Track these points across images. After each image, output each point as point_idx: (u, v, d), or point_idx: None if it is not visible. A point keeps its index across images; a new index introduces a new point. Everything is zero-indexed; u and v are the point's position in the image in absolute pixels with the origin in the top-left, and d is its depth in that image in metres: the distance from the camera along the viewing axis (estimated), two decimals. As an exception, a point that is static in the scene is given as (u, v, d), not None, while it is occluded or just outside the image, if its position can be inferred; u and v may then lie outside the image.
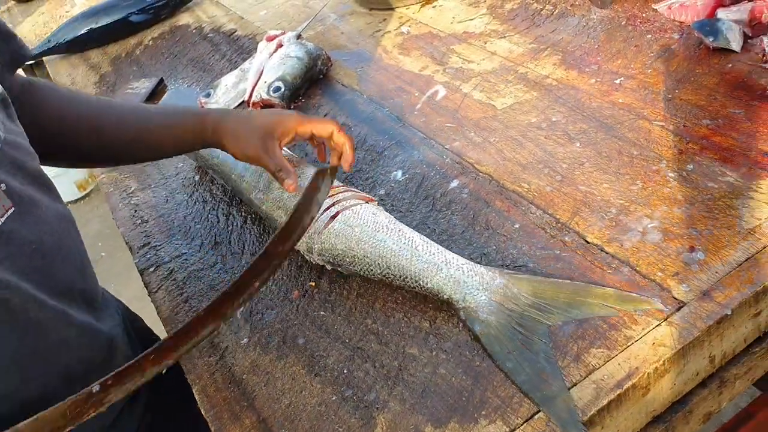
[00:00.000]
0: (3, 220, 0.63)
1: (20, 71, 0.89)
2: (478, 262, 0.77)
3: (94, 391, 0.61)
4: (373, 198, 0.85)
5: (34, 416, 0.59)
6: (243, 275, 0.68)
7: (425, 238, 0.77)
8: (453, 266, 0.72)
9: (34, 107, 0.83)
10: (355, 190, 0.86)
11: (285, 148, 0.90)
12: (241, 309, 0.69)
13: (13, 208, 0.64)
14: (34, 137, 0.79)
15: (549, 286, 0.70)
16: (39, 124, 0.82)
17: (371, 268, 0.76)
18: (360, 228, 0.77)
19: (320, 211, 0.80)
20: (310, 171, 0.85)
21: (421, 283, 0.72)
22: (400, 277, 0.74)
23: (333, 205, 0.81)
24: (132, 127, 0.88)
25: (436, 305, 0.74)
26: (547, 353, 0.65)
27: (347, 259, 0.77)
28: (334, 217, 0.80)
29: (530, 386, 0.63)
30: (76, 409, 0.60)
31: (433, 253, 0.74)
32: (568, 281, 0.71)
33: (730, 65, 0.92)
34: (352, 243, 0.77)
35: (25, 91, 0.83)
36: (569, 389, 0.62)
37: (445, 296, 0.71)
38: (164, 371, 0.63)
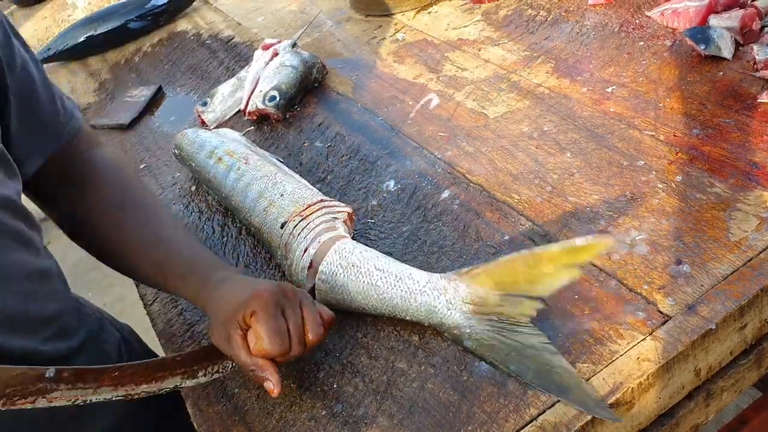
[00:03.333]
0: None
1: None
2: (468, 275, 0.77)
3: (47, 375, 0.59)
4: (343, 214, 0.85)
5: None
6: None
7: (380, 262, 0.75)
8: (417, 293, 0.72)
9: (80, 194, 0.82)
10: (324, 214, 0.84)
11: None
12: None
13: None
14: (65, 214, 0.80)
15: (504, 270, 0.69)
16: (75, 209, 0.82)
17: (352, 309, 0.76)
18: None
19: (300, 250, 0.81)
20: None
21: (401, 316, 0.73)
22: (380, 314, 0.74)
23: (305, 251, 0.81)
24: (147, 263, 0.80)
25: (425, 319, 0.74)
26: (544, 343, 0.66)
27: (331, 304, 0.76)
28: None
29: (541, 381, 0.64)
30: (21, 383, 0.58)
31: (394, 285, 0.73)
32: (515, 254, 0.69)
33: (722, 73, 0.92)
34: (322, 295, 0.78)
35: (80, 163, 0.82)
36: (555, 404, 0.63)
37: (426, 324, 0.72)
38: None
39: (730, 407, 1.07)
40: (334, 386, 0.72)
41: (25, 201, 0.76)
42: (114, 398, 0.63)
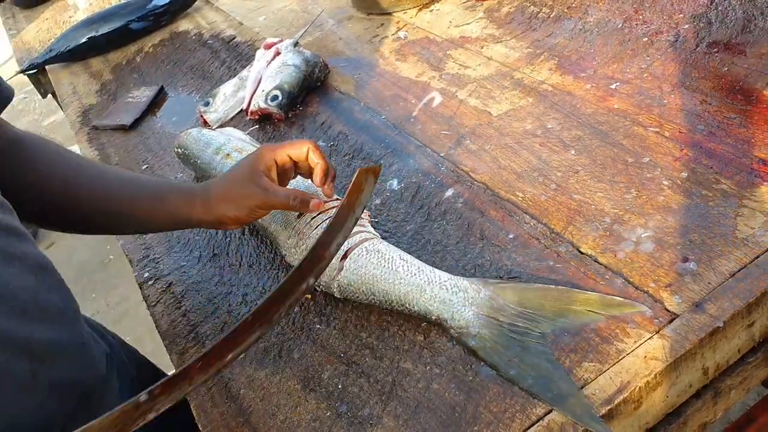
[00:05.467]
0: None
1: (8, 122, 0.85)
2: (473, 274, 0.77)
3: (141, 400, 0.60)
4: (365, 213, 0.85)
5: (83, 427, 0.59)
6: (289, 278, 0.66)
7: (405, 255, 0.76)
8: (436, 285, 0.72)
9: (21, 165, 0.81)
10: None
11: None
12: (289, 313, 0.70)
13: None
14: (17, 196, 0.76)
15: (533, 294, 0.71)
16: (24, 183, 0.80)
17: (357, 296, 0.76)
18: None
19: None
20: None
21: (408, 306, 0.73)
22: (386, 302, 0.74)
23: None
24: (122, 201, 0.84)
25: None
26: (547, 354, 0.66)
27: (333, 289, 0.78)
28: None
29: (539, 389, 0.64)
30: (125, 419, 0.60)
31: (414, 274, 0.73)
32: (552, 287, 0.71)
33: (726, 69, 0.92)
34: (333, 272, 0.77)
35: (13, 146, 0.81)
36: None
37: (433, 317, 0.71)
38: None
39: (737, 405, 1.07)
40: (339, 387, 0.71)
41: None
42: (209, 379, 0.64)
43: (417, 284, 0.72)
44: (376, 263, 0.75)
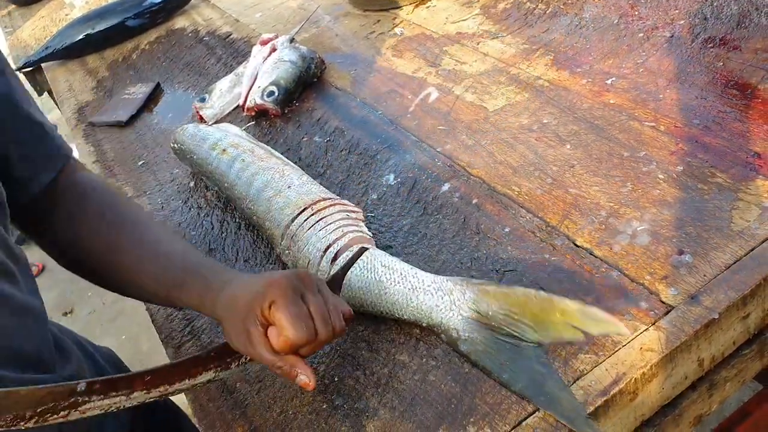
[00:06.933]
0: None
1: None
2: (469, 267, 0.77)
3: (79, 389, 0.57)
4: (359, 213, 0.85)
5: (5, 389, 0.55)
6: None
7: (387, 260, 0.75)
8: (420, 291, 0.71)
9: (70, 210, 0.76)
10: (339, 211, 0.84)
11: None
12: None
13: None
14: (53, 231, 0.75)
15: (516, 299, 0.68)
16: (66, 227, 0.76)
17: (354, 308, 0.75)
18: None
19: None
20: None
21: (397, 315, 0.72)
22: (378, 312, 0.74)
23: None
24: (155, 275, 0.74)
25: (426, 311, 0.74)
26: (539, 357, 0.66)
27: None
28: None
29: (530, 392, 0.63)
30: (53, 400, 0.57)
31: (398, 281, 0.72)
32: (533, 293, 0.68)
33: (721, 64, 0.92)
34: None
35: (72, 188, 0.77)
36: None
37: (423, 324, 0.71)
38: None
39: (732, 402, 1.07)
40: (335, 379, 0.71)
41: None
42: (148, 400, 0.62)
43: (402, 292, 0.72)
44: (359, 274, 0.74)
